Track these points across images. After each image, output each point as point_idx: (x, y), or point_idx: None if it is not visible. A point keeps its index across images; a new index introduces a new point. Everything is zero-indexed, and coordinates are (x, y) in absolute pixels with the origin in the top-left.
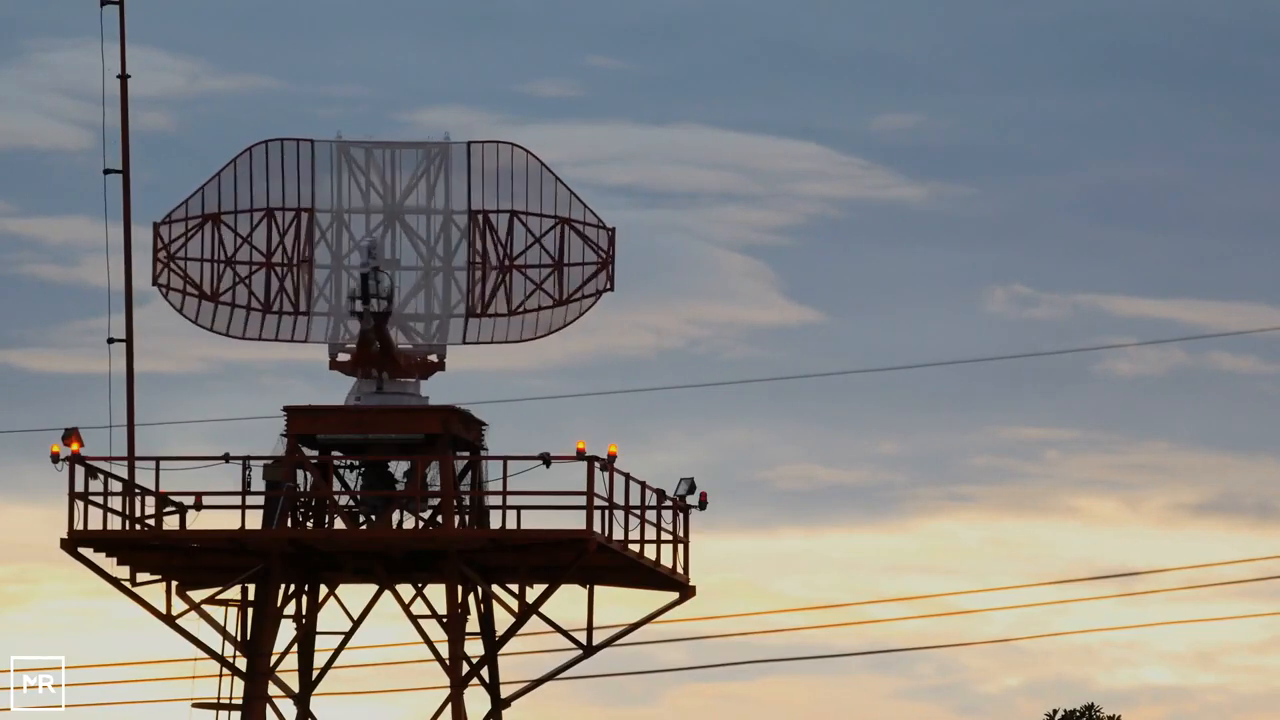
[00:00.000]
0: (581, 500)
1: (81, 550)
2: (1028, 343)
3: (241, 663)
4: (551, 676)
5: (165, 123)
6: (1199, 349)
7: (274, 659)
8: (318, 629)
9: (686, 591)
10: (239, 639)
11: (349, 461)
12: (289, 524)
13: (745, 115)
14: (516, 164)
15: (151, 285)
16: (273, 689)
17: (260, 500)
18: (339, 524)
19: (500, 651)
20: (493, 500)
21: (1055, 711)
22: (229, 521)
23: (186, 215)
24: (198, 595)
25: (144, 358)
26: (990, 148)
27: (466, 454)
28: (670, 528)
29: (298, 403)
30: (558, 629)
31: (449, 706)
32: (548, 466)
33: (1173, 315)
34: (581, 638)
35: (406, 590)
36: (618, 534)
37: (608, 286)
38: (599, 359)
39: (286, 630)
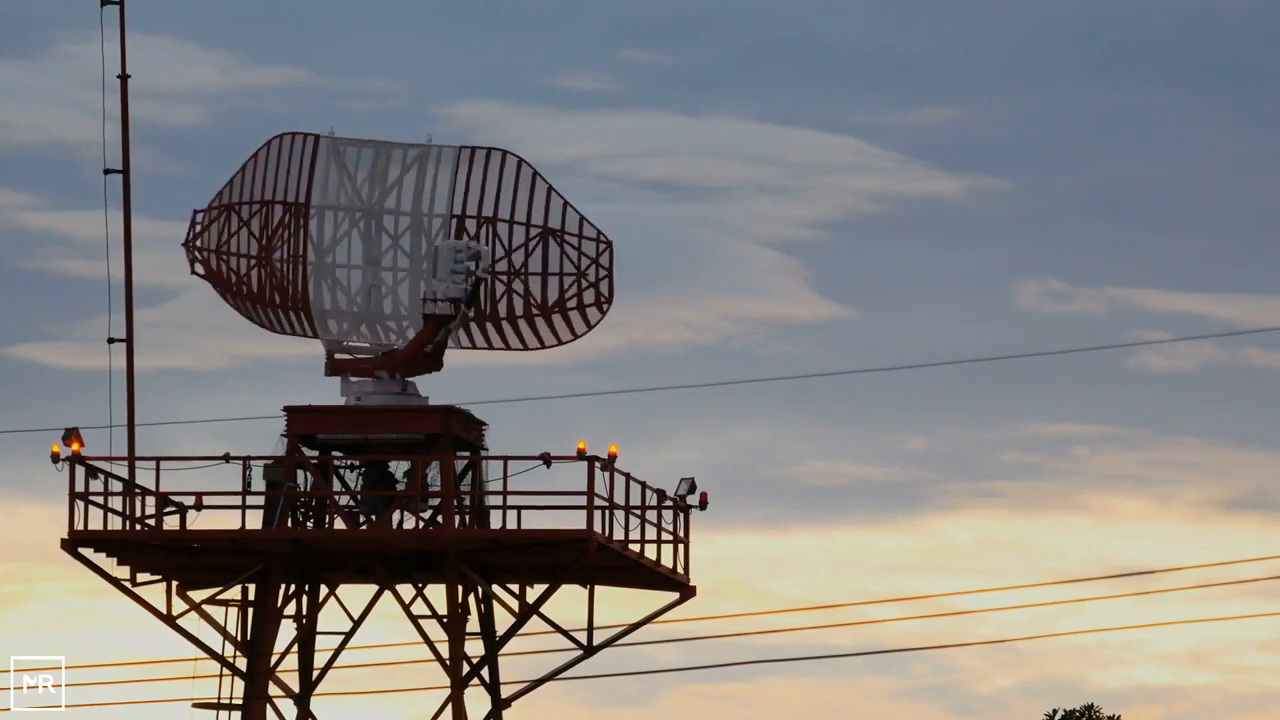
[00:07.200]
0: (582, 500)
1: (81, 550)
2: (1061, 338)
3: (241, 663)
4: (551, 676)
5: (198, 117)
6: (1232, 345)
7: (274, 659)
8: (318, 629)
9: (687, 591)
10: (239, 639)
11: (349, 461)
12: (289, 524)
13: (779, 109)
14: (506, 170)
15: (190, 274)
16: (273, 689)
17: (260, 500)
18: (339, 524)
19: (500, 651)
20: (493, 500)
21: (1055, 711)
22: (229, 521)
23: (220, 204)
24: (198, 595)
25: (166, 353)
26: (1026, 143)
27: (467, 454)
28: (670, 528)
29: (303, 402)
30: (558, 629)
31: (449, 706)
32: (548, 466)
33: (1206, 310)
34: (581, 638)
35: (406, 590)
36: (618, 534)
37: (605, 299)
38: (630, 353)
39: (286, 630)
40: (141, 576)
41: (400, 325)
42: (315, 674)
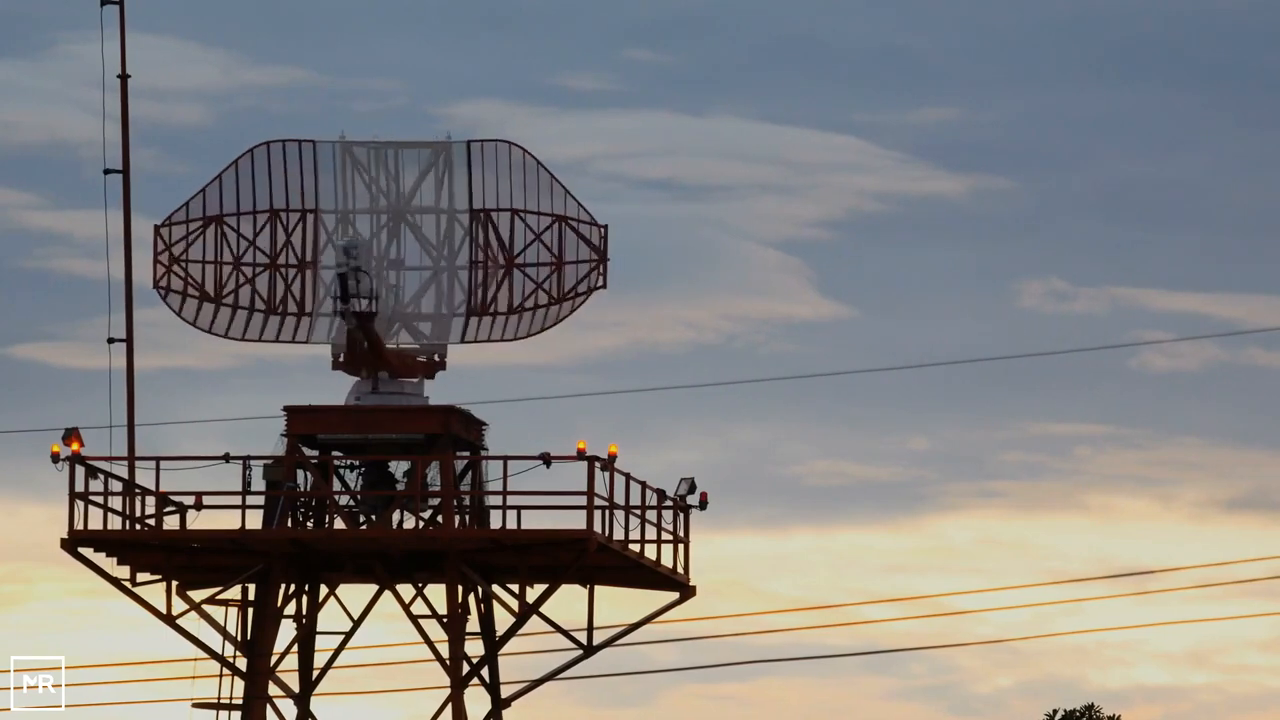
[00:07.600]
0: (582, 500)
1: (81, 550)
2: (1063, 338)
3: (241, 663)
4: (551, 676)
5: (199, 117)
6: (1234, 344)
7: (274, 659)
8: (318, 629)
9: (686, 591)
10: (239, 639)
11: (349, 461)
12: (289, 524)
13: (781, 108)
14: (514, 161)
15: (152, 288)
16: (273, 689)
17: (260, 500)
18: (339, 524)
19: (500, 651)
20: (493, 500)
21: (1055, 712)
22: (229, 521)
23: (188, 217)
24: (198, 595)
25: (166, 353)
26: (1028, 143)
27: (467, 454)
28: (670, 528)
29: (308, 402)
30: (558, 629)
31: (449, 706)
32: (548, 466)
33: (1208, 310)
34: (581, 638)
35: (406, 590)
36: (618, 534)
37: (600, 284)
38: (631, 353)
39: (286, 630)
40: (141, 576)
41: (421, 324)
42: (315, 674)
